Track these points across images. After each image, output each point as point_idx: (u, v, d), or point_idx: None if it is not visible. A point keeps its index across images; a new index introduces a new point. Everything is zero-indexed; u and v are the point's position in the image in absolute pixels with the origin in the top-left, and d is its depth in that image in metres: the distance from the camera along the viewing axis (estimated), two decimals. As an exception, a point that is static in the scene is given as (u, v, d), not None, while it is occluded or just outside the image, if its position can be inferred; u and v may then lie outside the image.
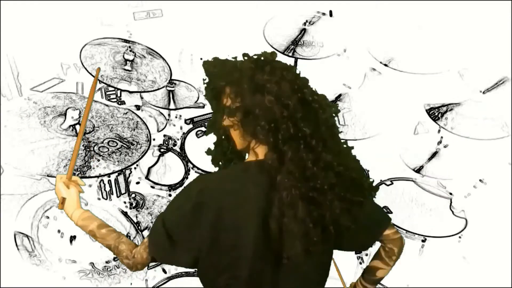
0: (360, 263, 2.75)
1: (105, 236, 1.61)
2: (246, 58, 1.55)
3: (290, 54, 3.27)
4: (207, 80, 1.62)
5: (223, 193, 1.49)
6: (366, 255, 2.73)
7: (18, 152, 2.71)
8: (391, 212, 2.68)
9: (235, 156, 1.70)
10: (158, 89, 3.21)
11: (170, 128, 3.14)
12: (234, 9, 3.59)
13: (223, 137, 1.68)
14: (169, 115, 3.18)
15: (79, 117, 2.88)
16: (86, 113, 1.74)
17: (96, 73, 1.79)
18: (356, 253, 2.76)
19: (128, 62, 3.24)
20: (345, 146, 1.58)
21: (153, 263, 2.60)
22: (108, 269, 2.58)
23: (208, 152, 1.75)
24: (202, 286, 1.60)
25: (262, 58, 1.54)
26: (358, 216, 1.52)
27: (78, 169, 2.71)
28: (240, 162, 1.68)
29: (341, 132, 1.59)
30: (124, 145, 2.85)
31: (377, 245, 1.73)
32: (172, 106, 3.21)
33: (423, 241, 2.76)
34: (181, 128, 3.14)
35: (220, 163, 1.74)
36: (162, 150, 3.01)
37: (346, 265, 1.95)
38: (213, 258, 1.50)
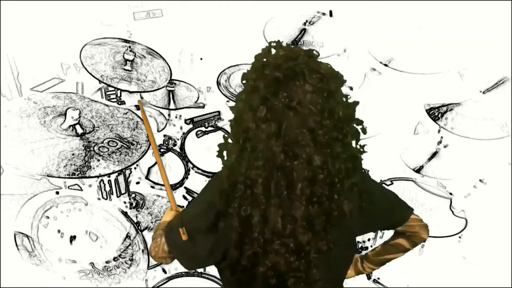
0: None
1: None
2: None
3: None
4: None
5: None
6: (366, 248, 2.73)
7: (18, 152, 2.72)
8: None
9: None
10: (158, 89, 3.22)
11: (170, 128, 3.14)
12: (234, 9, 3.59)
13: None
14: (169, 115, 3.18)
15: (79, 117, 2.88)
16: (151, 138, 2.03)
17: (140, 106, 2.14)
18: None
19: (128, 62, 3.24)
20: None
21: (153, 264, 2.61)
22: (108, 269, 2.58)
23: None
24: (201, 287, 1.60)
25: None
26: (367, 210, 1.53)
27: (78, 169, 2.71)
28: None
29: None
30: (124, 145, 2.85)
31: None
32: (172, 106, 3.21)
33: (423, 241, 2.76)
34: (181, 128, 3.14)
35: None
36: (162, 150, 3.01)
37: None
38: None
